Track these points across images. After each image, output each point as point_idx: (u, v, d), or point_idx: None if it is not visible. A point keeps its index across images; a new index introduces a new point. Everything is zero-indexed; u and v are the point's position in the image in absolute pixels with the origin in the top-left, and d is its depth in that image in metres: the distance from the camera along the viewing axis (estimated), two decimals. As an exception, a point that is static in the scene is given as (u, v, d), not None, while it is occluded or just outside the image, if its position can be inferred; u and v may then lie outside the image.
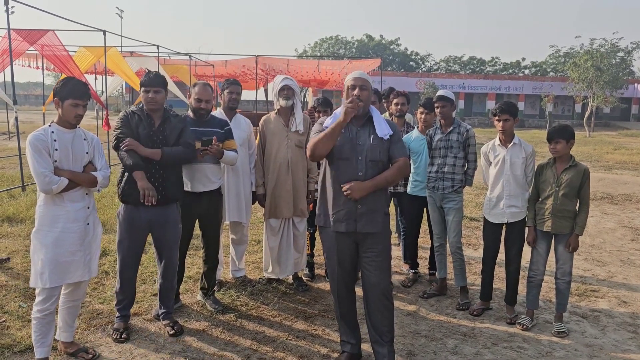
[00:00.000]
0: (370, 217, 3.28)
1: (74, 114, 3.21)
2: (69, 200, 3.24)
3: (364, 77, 3.35)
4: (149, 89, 3.68)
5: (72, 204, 3.26)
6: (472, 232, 6.96)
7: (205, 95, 4.18)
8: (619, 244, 6.73)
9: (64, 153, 3.22)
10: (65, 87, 3.19)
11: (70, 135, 3.27)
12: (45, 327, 3.27)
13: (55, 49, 11.70)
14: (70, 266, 3.27)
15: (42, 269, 3.19)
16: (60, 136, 3.22)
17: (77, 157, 3.29)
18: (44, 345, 3.28)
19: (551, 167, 4.08)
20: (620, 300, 4.78)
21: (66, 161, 3.23)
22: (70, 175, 3.22)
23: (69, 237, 3.24)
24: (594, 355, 3.75)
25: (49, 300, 3.24)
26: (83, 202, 3.32)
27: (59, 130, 3.23)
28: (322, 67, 24.59)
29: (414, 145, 4.95)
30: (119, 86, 24.59)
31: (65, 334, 3.52)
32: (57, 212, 3.22)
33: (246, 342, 3.79)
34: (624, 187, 11.44)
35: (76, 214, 3.27)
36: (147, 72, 3.80)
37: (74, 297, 3.47)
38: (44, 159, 3.13)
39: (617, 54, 33.64)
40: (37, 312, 3.24)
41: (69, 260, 3.25)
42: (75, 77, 12.11)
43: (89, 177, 3.30)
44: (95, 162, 3.39)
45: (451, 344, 3.86)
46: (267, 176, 4.68)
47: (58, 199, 3.21)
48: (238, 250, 5.01)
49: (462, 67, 63.73)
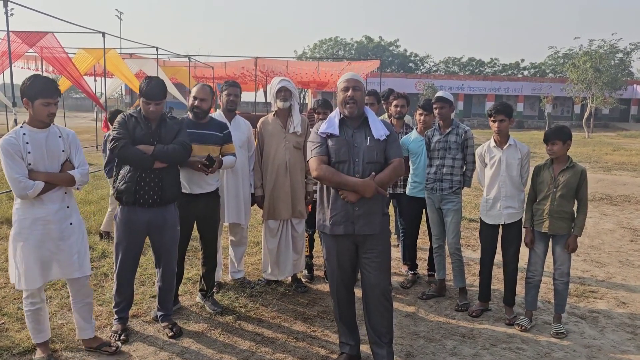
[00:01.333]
0: (367, 219, 3.28)
1: (46, 113, 3.14)
2: (49, 201, 3.20)
3: (356, 78, 3.37)
4: (150, 102, 3.64)
5: (52, 204, 3.22)
6: (471, 233, 6.96)
7: (201, 94, 4.17)
8: (617, 245, 6.74)
9: (39, 154, 3.15)
10: (34, 87, 3.10)
11: (44, 135, 3.19)
12: (38, 317, 3.35)
13: (55, 51, 11.72)
14: (52, 265, 3.27)
15: (24, 271, 3.19)
16: (32, 137, 3.14)
17: (53, 156, 3.22)
18: (41, 331, 3.39)
19: (548, 168, 4.09)
20: (619, 301, 4.79)
21: (42, 162, 3.17)
22: (46, 177, 3.16)
23: (49, 237, 3.22)
24: (593, 356, 3.75)
25: (36, 297, 3.30)
26: (63, 202, 3.28)
27: (31, 131, 3.16)
28: (322, 68, 24.63)
29: (412, 146, 4.96)
30: (119, 88, 24.61)
31: (85, 332, 3.57)
32: (36, 214, 3.17)
33: (245, 344, 3.79)
34: (623, 188, 11.45)
35: (56, 215, 3.23)
36: (147, 79, 3.74)
37: (81, 296, 3.50)
38: (17, 163, 3.07)
39: (615, 55, 33.65)
40: (28, 305, 3.31)
41: (51, 259, 3.26)
42: (74, 77, 12.15)
43: (66, 177, 3.24)
44: (72, 159, 3.32)
45: (450, 345, 3.86)
46: (266, 178, 4.68)
47: (37, 201, 3.17)
48: (237, 252, 5.02)
49: (461, 69, 63.76)
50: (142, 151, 3.58)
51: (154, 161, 3.61)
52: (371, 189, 3.18)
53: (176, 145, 3.70)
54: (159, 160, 3.64)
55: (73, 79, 12.32)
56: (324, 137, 3.33)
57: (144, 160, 3.59)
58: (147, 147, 3.61)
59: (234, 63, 24.10)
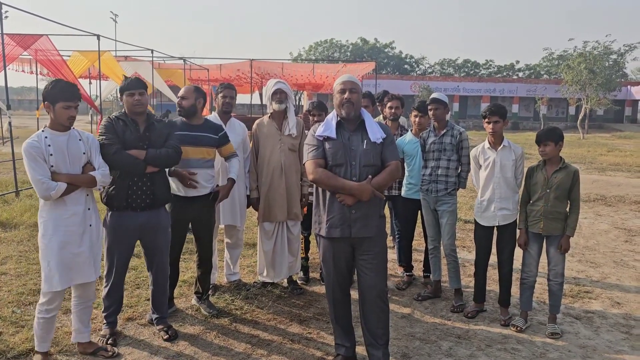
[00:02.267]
0: (364, 221, 3.28)
1: (66, 116, 3.21)
2: (71, 203, 3.27)
3: (352, 80, 3.37)
4: (134, 91, 3.64)
5: (74, 207, 3.29)
6: (466, 234, 6.98)
7: (185, 93, 4.18)
8: (612, 246, 6.76)
9: (60, 156, 3.22)
10: (55, 90, 3.19)
11: (65, 138, 3.27)
12: (50, 325, 3.40)
13: (49, 53, 11.66)
14: (75, 267, 3.32)
15: (52, 272, 3.24)
16: (54, 140, 3.22)
17: (74, 159, 3.29)
18: (47, 340, 3.42)
19: (541, 169, 4.10)
20: (613, 302, 4.81)
21: (63, 164, 3.24)
22: (68, 178, 3.22)
23: (72, 239, 3.28)
24: (588, 356, 3.76)
25: (55, 302, 3.34)
26: (84, 205, 3.34)
27: (52, 134, 3.23)
28: (317, 70, 24.64)
29: (407, 148, 4.97)
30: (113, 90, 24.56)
31: (81, 335, 3.58)
32: (59, 215, 3.25)
33: (241, 346, 3.78)
34: (618, 188, 11.50)
35: (78, 216, 3.30)
36: (125, 78, 3.77)
37: (84, 298, 3.53)
38: (40, 165, 3.14)
39: (610, 57, 33.84)
40: (44, 312, 3.33)
41: (74, 261, 3.31)
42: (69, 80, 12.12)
43: (88, 178, 3.31)
44: (93, 161, 3.39)
45: (446, 346, 3.87)
46: (261, 180, 4.68)
47: (59, 202, 3.24)
48: (233, 254, 5.01)
49: (456, 70, 63.96)
50: (134, 157, 3.57)
51: (147, 166, 3.61)
52: (368, 193, 3.18)
53: (169, 149, 3.70)
54: (153, 165, 3.64)
55: (68, 82, 12.26)
56: (321, 140, 3.33)
57: (137, 166, 3.58)
58: (139, 152, 3.60)
59: (229, 65, 24.07)
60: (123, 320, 4.10)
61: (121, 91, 3.73)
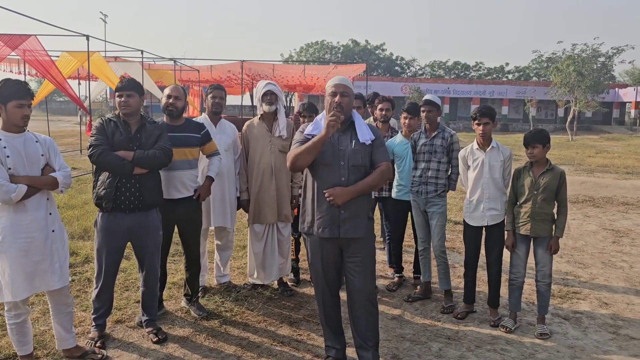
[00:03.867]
0: (353, 222, 3.28)
1: (20, 115, 3.06)
2: (31, 208, 3.13)
3: (344, 84, 3.32)
4: (122, 93, 3.63)
5: (34, 212, 3.14)
6: (456, 235, 7.01)
7: (175, 92, 4.15)
8: (600, 246, 6.82)
9: (18, 158, 3.08)
10: (5, 89, 3.04)
11: (21, 139, 3.13)
12: (24, 328, 3.26)
13: (38, 53, 11.56)
14: (37, 275, 3.18)
15: (9, 281, 3.09)
16: (9, 142, 3.07)
17: (33, 160, 3.15)
18: (26, 344, 3.30)
19: (528, 171, 4.14)
20: (601, 302, 4.85)
21: (22, 167, 3.09)
22: (29, 180, 3.08)
23: (33, 246, 3.14)
24: (576, 356, 3.79)
25: (20, 308, 3.20)
26: (45, 209, 3.21)
27: (7, 136, 3.08)
28: (308, 72, 24.64)
29: (398, 149, 4.98)
30: (103, 91, 24.39)
31: (66, 342, 3.48)
32: (19, 221, 3.09)
33: (231, 348, 3.77)
34: (606, 190, 11.61)
35: (39, 222, 3.16)
36: (120, 80, 3.77)
37: (61, 304, 3.42)
38: None
39: (598, 59, 34.18)
40: (12, 318, 3.20)
41: (35, 269, 3.16)
42: (58, 81, 12.01)
43: (49, 179, 3.17)
44: (52, 163, 3.26)
45: (435, 347, 3.88)
46: (251, 181, 4.66)
47: (19, 207, 3.09)
48: (223, 256, 4.99)
49: (446, 72, 64.32)
50: (121, 157, 3.53)
51: (134, 167, 3.57)
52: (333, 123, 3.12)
53: (157, 150, 3.66)
54: (140, 166, 3.60)
55: (56, 82, 12.17)
56: (309, 138, 3.32)
57: (124, 167, 3.54)
58: (126, 153, 3.56)
59: (220, 66, 24.01)
60: (112, 323, 4.07)
61: (115, 90, 3.73)
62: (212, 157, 4.36)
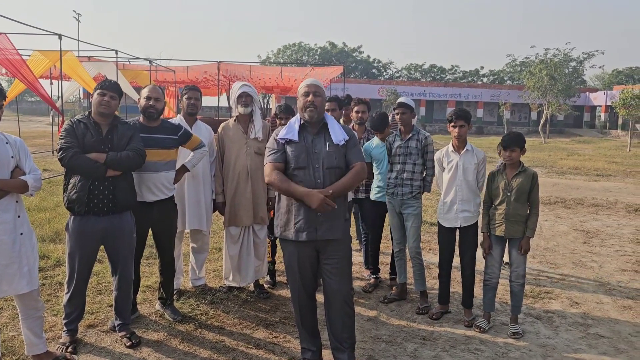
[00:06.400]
0: (330, 224, 3.29)
1: None
2: (0, 210, 3.04)
3: (316, 84, 3.37)
4: (105, 92, 3.56)
5: (2, 214, 3.05)
6: (431, 237, 7.08)
7: (155, 93, 4.07)
8: (571, 247, 6.97)
9: None
10: None
11: None
12: None
13: (7, 52, 11.30)
14: (5, 279, 3.10)
15: None
16: None
17: (2, 163, 3.06)
18: None
19: (502, 173, 4.21)
20: (572, 301, 4.95)
21: None
22: None
23: (0, 249, 3.05)
24: (548, 355, 3.86)
25: None
26: (14, 212, 3.12)
27: None
28: (285, 73, 24.66)
29: (375, 152, 5.01)
30: (76, 91, 23.94)
31: (36, 347, 3.38)
32: None
33: (205, 352, 3.73)
34: (577, 191, 11.88)
35: (7, 225, 3.07)
36: (105, 79, 3.70)
37: (30, 309, 3.32)
38: None
39: (569, 64, 34.99)
40: None
41: (3, 273, 3.08)
42: (29, 80, 11.76)
43: (19, 182, 3.09)
44: (22, 166, 3.18)
45: (411, 347, 3.91)
46: (227, 184, 4.63)
47: None
48: (198, 259, 4.94)
49: (423, 75, 65.02)
50: (93, 160, 3.46)
51: (107, 169, 3.51)
52: (317, 200, 3.11)
53: (130, 152, 3.60)
54: (113, 169, 3.53)
55: (27, 82, 11.92)
56: (282, 143, 3.32)
57: (97, 170, 3.47)
58: (99, 155, 3.49)
59: (196, 67, 23.86)
60: (84, 327, 3.99)
61: (95, 88, 3.64)
62: (197, 150, 4.33)
